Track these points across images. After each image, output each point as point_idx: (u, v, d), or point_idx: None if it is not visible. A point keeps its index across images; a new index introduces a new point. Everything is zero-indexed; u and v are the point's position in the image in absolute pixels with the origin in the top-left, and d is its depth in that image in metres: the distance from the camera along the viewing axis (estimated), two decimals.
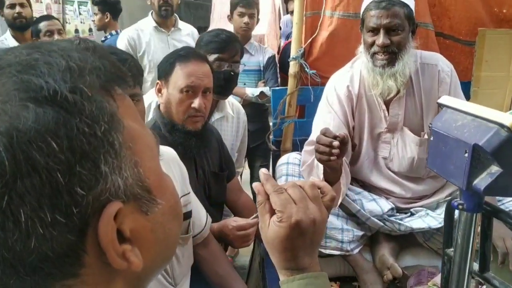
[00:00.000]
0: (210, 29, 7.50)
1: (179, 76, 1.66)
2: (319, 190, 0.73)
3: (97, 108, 0.40)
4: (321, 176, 1.71)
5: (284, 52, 3.14)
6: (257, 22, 3.26)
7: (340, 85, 1.90)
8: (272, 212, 0.69)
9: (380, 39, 1.71)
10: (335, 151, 1.46)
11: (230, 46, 2.13)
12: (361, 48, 1.86)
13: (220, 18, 6.20)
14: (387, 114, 1.86)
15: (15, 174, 0.36)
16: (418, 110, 1.86)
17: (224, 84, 2.12)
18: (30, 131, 0.36)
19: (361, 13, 1.83)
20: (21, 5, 3.09)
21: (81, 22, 8.52)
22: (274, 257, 0.71)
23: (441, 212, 1.85)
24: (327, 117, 1.88)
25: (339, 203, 1.78)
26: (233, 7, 3.11)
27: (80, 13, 8.50)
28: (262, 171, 0.74)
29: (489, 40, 2.40)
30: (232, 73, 2.13)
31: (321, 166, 1.67)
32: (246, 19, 3.03)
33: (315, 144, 1.52)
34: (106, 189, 0.40)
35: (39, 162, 0.36)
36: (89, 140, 0.39)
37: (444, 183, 1.95)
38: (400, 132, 1.88)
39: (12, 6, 3.06)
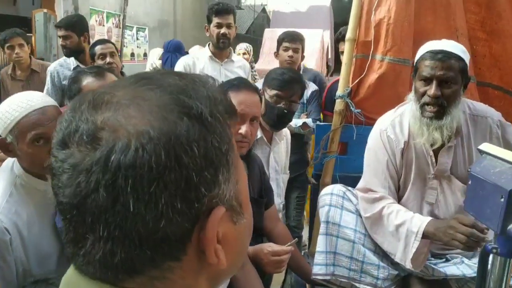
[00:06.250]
0: (259, 62, 7.71)
1: None
2: None
3: (224, 131, 0.52)
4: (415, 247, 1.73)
5: (329, 91, 3.21)
6: (303, 59, 3.39)
7: (388, 131, 1.90)
8: None
9: (432, 90, 1.71)
10: (483, 242, 1.52)
11: (289, 86, 2.35)
12: (411, 95, 1.86)
13: (270, 53, 6.42)
14: (434, 161, 1.85)
15: (166, 166, 0.46)
16: (467, 160, 1.85)
17: (276, 119, 2.34)
18: (182, 137, 0.47)
19: (415, 60, 1.84)
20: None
21: (137, 47, 8.96)
22: None
23: (477, 261, 1.82)
24: (384, 164, 1.89)
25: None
26: (279, 43, 3.31)
27: (137, 38, 8.95)
28: None
29: None
30: (285, 111, 2.33)
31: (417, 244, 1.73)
32: (290, 52, 3.20)
33: (460, 235, 1.58)
34: (218, 195, 0.50)
35: (183, 161, 0.46)
36: (217, 153, 0.50)
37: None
38: (447, 180, 1.86)
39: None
